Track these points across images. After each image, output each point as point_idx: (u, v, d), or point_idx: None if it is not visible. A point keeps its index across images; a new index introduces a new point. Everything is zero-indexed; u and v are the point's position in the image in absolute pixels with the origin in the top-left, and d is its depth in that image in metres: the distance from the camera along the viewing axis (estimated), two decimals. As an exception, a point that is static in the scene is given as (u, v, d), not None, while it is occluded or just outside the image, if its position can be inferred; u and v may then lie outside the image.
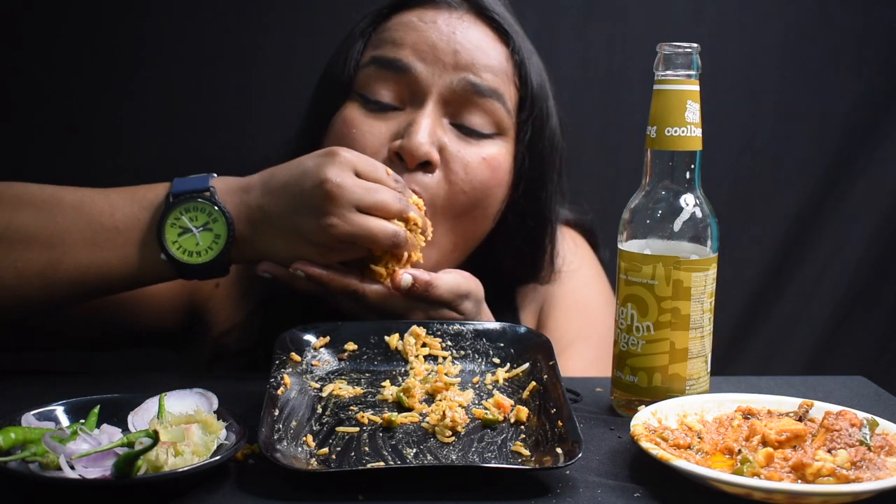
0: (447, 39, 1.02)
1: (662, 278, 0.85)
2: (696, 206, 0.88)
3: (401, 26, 1.04)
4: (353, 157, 0.90)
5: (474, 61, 1.02)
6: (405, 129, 1.00)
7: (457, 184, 1.01)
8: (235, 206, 0.90)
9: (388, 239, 0.89)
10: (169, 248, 0.89)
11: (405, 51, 1.02)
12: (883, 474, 0.70)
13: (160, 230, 0.89)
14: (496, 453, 0.77)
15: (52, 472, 0.68)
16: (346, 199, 0.87)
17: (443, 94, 1.02)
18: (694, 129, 0.86)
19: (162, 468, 0.69)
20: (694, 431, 0.79)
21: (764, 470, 0.70)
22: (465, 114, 1.03)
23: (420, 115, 1.01)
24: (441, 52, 1.01)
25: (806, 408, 0.82)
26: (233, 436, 0.75)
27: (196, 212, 0.89)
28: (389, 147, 1.01)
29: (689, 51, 0.86)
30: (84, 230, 0.89)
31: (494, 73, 1.03)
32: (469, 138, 1.03)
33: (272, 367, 0.86)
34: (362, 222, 0.88)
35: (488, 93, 1.02)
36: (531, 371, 0.90)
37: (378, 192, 0.89)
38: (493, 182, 1.04)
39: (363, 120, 1.03)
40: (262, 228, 0.90)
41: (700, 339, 0.87)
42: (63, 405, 0.78)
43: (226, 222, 0.89)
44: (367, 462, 0.74)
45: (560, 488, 0.73)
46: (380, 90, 1.03)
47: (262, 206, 0.90)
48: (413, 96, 1.02)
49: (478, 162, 1.02)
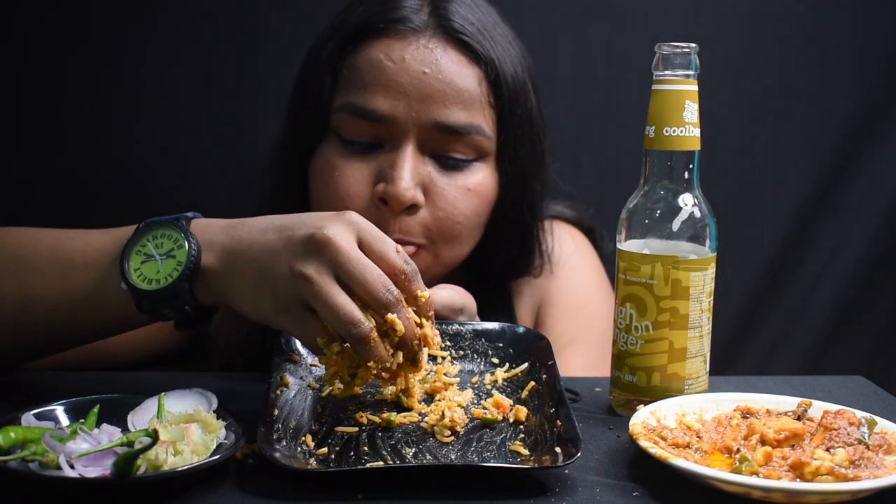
0: (417, 81, 1.00)
1: (661, 278, 0.85)
2: (695, 205, 0.88)
3: (370, 66, 1.02)
4: (363, 224, 0.79)
5: (446, 100, 1.01)
6: (387, 172, 1.01)
7: (445, 218, 1.03)
8: (212, 236, 0.81)
9: (345, 324, 0.75)
10: (129, 275, 0.81)
11: (377, 99, 1.01)
12: (881, 473, 0.70)
13: (124, 257, 0.82)
14: (495, 453, 0.77)
15: (52, 471, 0.68)
16: (329, 257, 0.76)
17: (420, 133, 1.02)
18: (692, 129, 0.86)
19: (161, 467, 0.69)
20: (693, 430, 0.79)
21: (762, 469, 0.70)
22: (446, 147, 1.03)
23: (400, 157, 1.01)
24: (412, 96, 1.00)
25: (804, 407, 0.83)
26: (232, 435, 0.75)
27: (162, 238, 0.82)
28: (374, 191, 1.02)
29: (687, 51, 0.86)
30: (56, 272, 0.85)
31: (468, 107, 1.02)
32: (452, 171, 1.04)
33: (272, 368, 0.86)
34: (331, 290, 0.75)
35: (464, 130, 1.02)
36: (530, 371, 0.90)
37: (368, 269, 0.76)
38: (481, 208, 1.06)
39: (344, 163, 1.03)
40: (236, 264, 0.80)
41: (699, 338, 0.87)
42: (63, 405, 0.78)
43: (188, 248, 0.80)
44: (366, 462, 0.75)
45: (559, 487, 0.73)
46: (357, 133, 1.03)
47: (246, 241, 0.80)
48: (392, 136, 1.03)
49: (464, 193, 1.04)
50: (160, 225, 0.82)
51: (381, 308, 0.76)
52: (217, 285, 0.81)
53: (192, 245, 0.80)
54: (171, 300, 0.81)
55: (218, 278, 0.80)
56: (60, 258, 0.85)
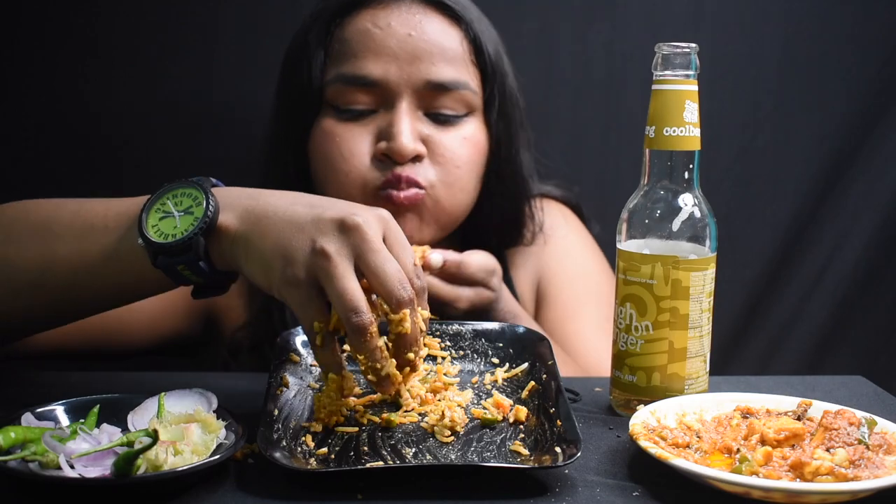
0: (404, 43, 1.07)
1: (661, 278, 0.85)
2: (695, 205, 0.88)
3: (358, 35, 1.09)
4: (392, 224, 0.80)
5: (434, 59, 1.08)
6: (386, 131, 1.07)
7: (445, 164, 1.09)
8: (235, 198, 0.81)
9: (348, 310, 0.74)
10: (146, 231, 0.80)
11: (368, 64, 1.07)
12: (881, 473, 0.70)
13: (143, 214, 0.82)
14: (495, 453, 0.77)
15: (52, 471, 0.68)
16: (355, 242, 0.76)
17: (412, 93, 1.08)
18: (692, 129, 0.86)
19: (161, 467, 0.69)
20: (693, 430, 0.79)
21: (762, 469, 0.70)
22: (437, 104, 1.09)
23: (397, 115, 1.07)
24: (401, 58, 1.07)
25: (805, 407, 0.83)
26: (232, 435, 0.75)
27: (182, 196, 0.82)
28: (375, 149, 1.08)
29: (687, 51, 0.86)
30: (77, 235, 0.86)
31: (454, 64, 1.09)
32: (446, 125, 1.10)
33: (272, 367, 0.86)
34: (346, 274, 0.75)
35: (453, 85, 1.09)
36: (530, 371, 0.90)
37: (388, 262, 0.76)
38: (475, 157, 1.12)
39: (343, 129, 1.09)
40: (257, 225, 0.79)
41: (699, 338, 0.87)
42: (63, 405, 0.78)
43: (206, 205, 0.80)
44: (366, 462, 0.75)
45: (559, 487, 0.73)
46: (352, 100, 1.09)
47: (272, 206, 0.80)
48: (385, 99, 1.09)
49: (460, 142, 1.10)
50: (181, 184, 0.83)
51: (394, 303, 0.76)
52: (232, 246, 0.80)
53: (211, 202, 0.80)
54: (185, 254, 0.79)
55: (235, 239, 0.80)
56: (82, 222, 0.86)
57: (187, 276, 0.81)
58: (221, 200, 0.81)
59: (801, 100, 1.51)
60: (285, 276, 0.76)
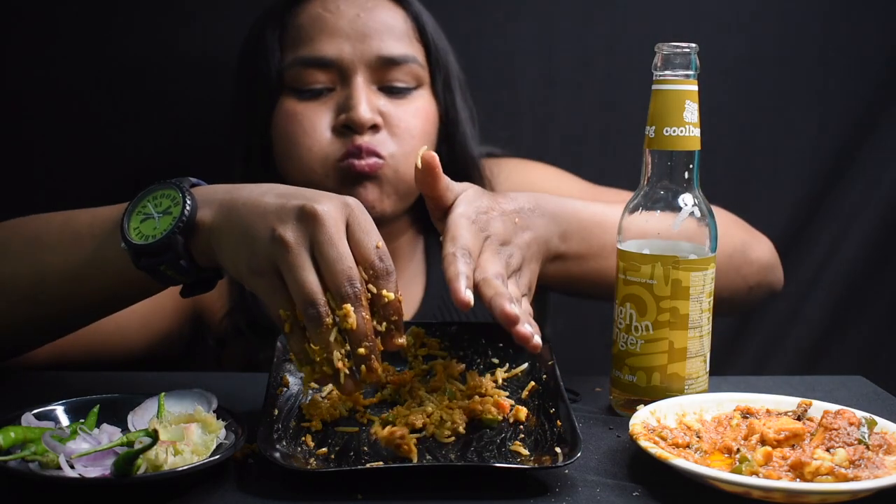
0: (354, 23, 1.15)
1: (661, 278, 0.85)
2: (695, 205, 0.88)
3: (310, 20, 1.16)
4: (357, 211, 0.79)
5: (382, 36, 1.15)
6: (345, 104, 1.13)
7: (401, 134, 1.15)
8: (212, 194, 0.83)
9: (305, 301, 0.74)
10: (128, 234, 0.82)
11: (323, 45, 1.14)
12: (881, 473, 0.70)
13: (124, 219, 0.83)
14: (495, 453, 0.77)
15: (52, 471, 0.69)
16: (311, 230, 0.76)
17: (365, 68, 1.15)
18: (692, 129, 0.86)
19: (161, 467, 0.69)
20: (693, 430, 0.79)
21: (762, 468, 0.70)
22: (389, 77, 1.16)
23: (353, 89, 1.14)
24: (353, 37, 1.14)
25: (804, 407, 0.83)
26: (232, 435, 0.75)
27: (161, 198, 0.83)
28: (336, 122, 1.14)
29: (687, 51, 0.86)
30: (66, 245, 0.87)
31: (400, 40, 1.17)
32: (398, 97, 1.16)
33: (272, 367, 0.86)
34: (304, 264, 0.75)
35: (401, 60, 1.16)
36: (530, 371, 0.90)
37: (341, 257, 0.75)
38: (428, 127, 1.18)
39: (303, 107, 1.15)
40: (228, 218, 0.80)
41: (699, 338, 0.87)
42: (63, 405, 0.78)
43: (183, 204, 0.81)
44: (366, 462, 0.75)
45: (559, 487, 0.73)
46: (310, 81, 1.15)
47: (243, 199, 0.81)
48: (341, 77, 1.15)
49: (413, 113, 1.16)
50: (160, 186, 0.84)
51: (339, 299, 0.75)
52: (208, 240, 0.81)
53: (188, 201, 0.81)
54: (165, 254, 0.80)
55: (210, 232, 0.81)
56: (70, 232, 0.88)
57: (171, 276, 0.82)
58: (200, 198, 0.82)
59: (800, 100, 1.51)
60: (250, 266, 0.77)
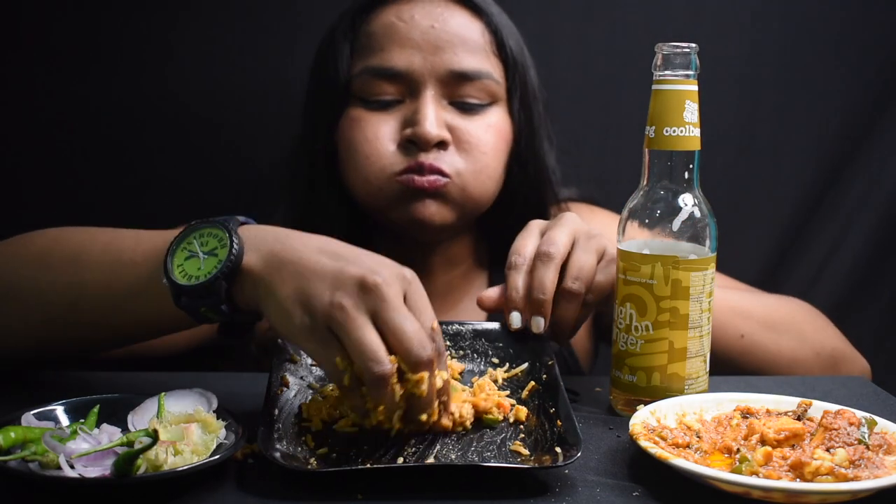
0: (427, 35, 1.10)
1: (661, 278, 0.85)
2: (695, 205, 0.88)
3: (382, 29, 1.12)
4: (416, 285, 0.78)
5: (456, 50, 1.10)
6: (412, 118, 1.09)
7: (471, 150, 1.11)
8: (261, 240, 0.80)
9: (368, 360, 0.72)
10: (171, 271, 0.80)
11: (393, 56, 1.10)
12: (881, 473, 0.70)
13: (168, 254, 0.82)
14: (495, 453, 0.77)
15: (52, 471, 0.68)
16: (374, 301, 0.74)
17: (436, 82, 1.10)
18: (692, 129, 0.86)
19: (161, 467, 0.69)
20: (693, 430, 0.79)
21: (762, 468, 0.70)
22: (461, 93, 1.12)
23: (422, 103, 1.09)
24: (425, 49, 1.10)
25: (804, 407, 0.83)
26: (232, 435, 0.75)
27: (208, 237, 0.81)
28: (401, 135, 1.10)
29: (687, 51, 0.86)
30: (106, 268, 0.86)
31: (476, 54, 1.12)
32: (470, 113, 1.12)
33: (272, 367, 0.86)
34: (364, 325, 0.73)
35: (475, 75, 1.11)
36: (530, 371, 0.90)
37: (408, 321, 0.74)
38: (500, 145, 1.14)
39: (369, 116, 1.11)
40: (280, 270, 0.78)
41: (699, 338, 0.87)
42: (63, 405, 0.78)
43: (230, 247, 0.79)
44: (366, 461, 0.74)
45: (559, 487, 0.73)
46: (378, 91, 1.11)
47: (297, 253, 0.78)
48: (410, 89, 1.11)
49: (484, 129, 1.12)
50: (208, 224, 0.82)
51: (412, 362, 0.74)
52: (253, 288, 0.79)
53: (235, 245, 0.79)
54: (207, 298, 0.79)
55: (257, 281, 0.79)
56: (111, 255, 0.86)
57: (210, 317, 0.81)
58: (248, 241, 0.80)
59: (800, 99, 1.51)
60: (302, 326, 0.75)
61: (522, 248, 0.92)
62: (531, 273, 0.90)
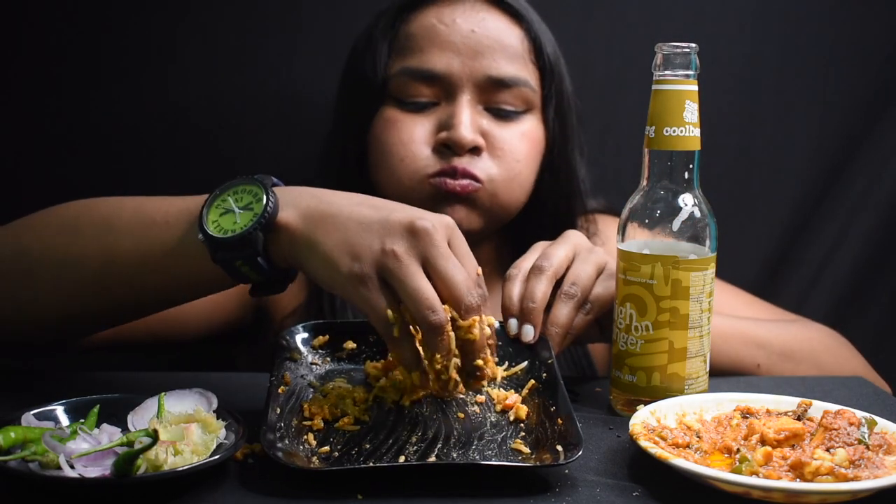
0: (468, 39, 1.10)
1: (661, 278, 0.85)
2: (695, 205, 0.88)
3: (423, 31, 1.12)
4: (458, 232, 0.80)
5: (495, 55, 1.10)
6: (447, 121, 1.10)
7: (503, 157, 1.11)
8: (297, 197, 0.81)
9: (424, 308, 0.74)
10: (206, 226, 0.80)
11: (432, 58, 1.10)
12: (881, 473, 0.70)
13: (203, 210, 0.82)
14: (496, 451, 0.77)
15: (52, 471, 0.68)
16: (424, 246, 0.76)
17: (473, 87, 1.11)
18: (692, 129, 0.86)
19: (161, 467, 0.69)
20: (693, 430, 0.79)
21: (762, 468, 0.70)
22: (497, 99, 1.12)
23: (458, 107, 1.10)
24: (464, 53, 1.10)
25: (804, 407, 0.83)
26: (232, 435, 0.75)
27: (242, 193, 0.82)
28: (435, 138, 1.10)
29: (687, 51, 0.86)
30: (137, 231, 0.86)
31: (514, 61, 1.12)
32: (505, 120, 1.12)
33: (273, 366, 0.86)
34: (418, 273, 0.75)
35: (512, 82, 1.11)
36: (530, 369, 0.90)
37: (458, 268, 0.76)
38: (532, 153, 1.14)
39: (404, 117, 1.12)
40: (321, 224, 0.79)
41: (699, 338, 0.87)
42: (63, 405, 0.78)
43: (265, 201, 0.79)
44: (367, 460, 0.75)
45: (559, 487, 0.73)
46: (415, 93, 1.12)
47: (337, 206, 0.80)
48: (447, 93, 1.11)
49: (518, 137, 1.12)
50: (242, 181, 0.83)
51: (463, 309, 0.76)
52: (292, 243, 0.80)
53: (271, 199, 0.80)
54: (244, 249, 0.79)
55: (296, 236, 0.80)
56: (142, 218, 0.86)
57: (246, 273, 0.81)
58: (282, 198, 0.81)
59: (800, 100, 1.51)
60: (352, 273, 0.76)
61: (521, 263, 0.94)
62: (525, 283, 0.91)
